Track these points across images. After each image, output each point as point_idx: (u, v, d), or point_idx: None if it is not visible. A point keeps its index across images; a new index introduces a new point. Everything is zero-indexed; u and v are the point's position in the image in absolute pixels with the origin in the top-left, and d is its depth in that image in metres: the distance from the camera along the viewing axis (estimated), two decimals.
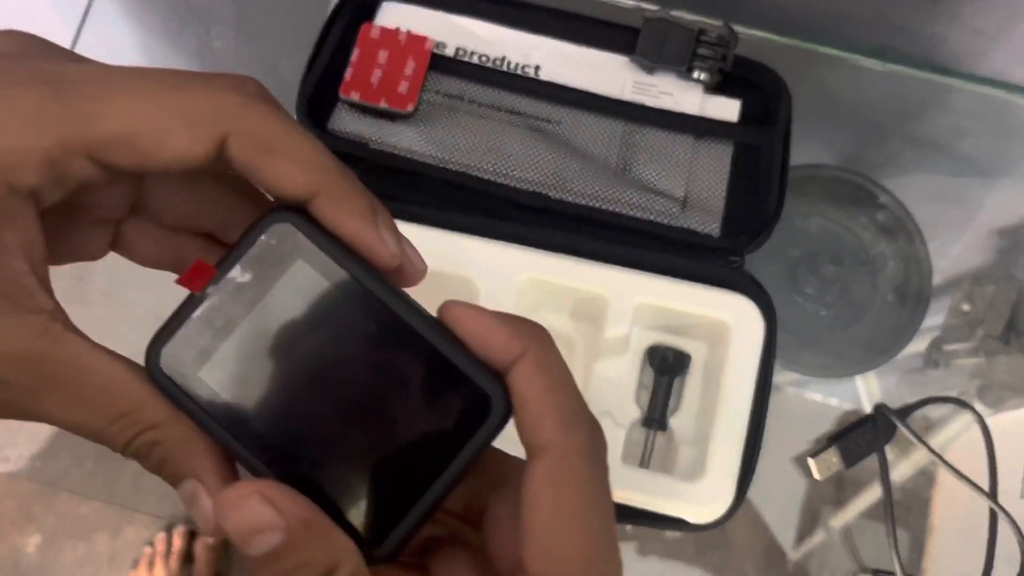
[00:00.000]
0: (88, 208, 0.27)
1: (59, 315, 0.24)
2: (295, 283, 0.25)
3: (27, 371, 0.23)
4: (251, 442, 0.25)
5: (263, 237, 0.25)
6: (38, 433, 1.00)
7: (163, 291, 0.28)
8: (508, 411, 0.25)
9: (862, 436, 0.55)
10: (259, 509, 0.23)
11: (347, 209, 0.25)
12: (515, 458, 0.27)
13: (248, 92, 0.25)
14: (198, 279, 0.25)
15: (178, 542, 1.29)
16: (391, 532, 0.24)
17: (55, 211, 0.24)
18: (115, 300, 0.63)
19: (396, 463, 0.24)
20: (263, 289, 0.25)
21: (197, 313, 0.25)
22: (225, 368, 0.25)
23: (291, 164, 0.24)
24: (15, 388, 0.23)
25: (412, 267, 0.26)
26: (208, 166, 0.24)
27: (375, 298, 0.25)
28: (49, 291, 0.24)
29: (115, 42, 0.64)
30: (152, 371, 0.25)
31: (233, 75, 0.25)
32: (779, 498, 0.59)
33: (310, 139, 0.25)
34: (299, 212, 0.25)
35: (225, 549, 1.30)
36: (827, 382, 0.63)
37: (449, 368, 0.25)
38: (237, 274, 0.25)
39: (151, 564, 1.30)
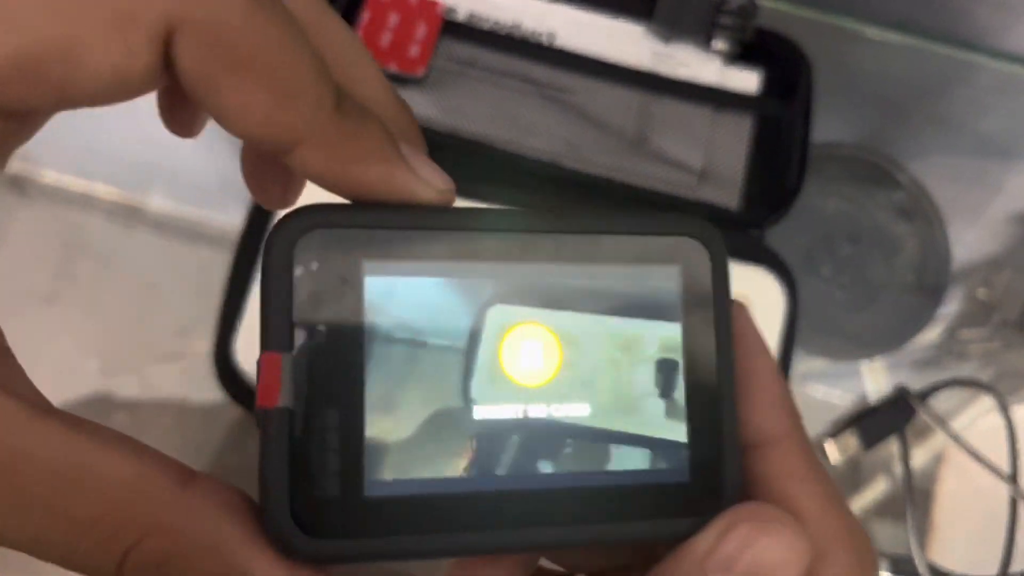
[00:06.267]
0: None
1: None
2: (382, 297, 0.18)
3: None
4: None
5: (299, 268, 0.17)
6: None
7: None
8: None
9: (881, 418, 0.54)
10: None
11: (354, 154, 0.17)
12: None
13: None
14: (267, 381, 0.17)
15: None
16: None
17: None
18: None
19: None
20: (356, 333, 0.17)
21: (298, 431, 0.17)
22: (395, 466, 0.17)
23: (260, 87, 0.16)
24: None
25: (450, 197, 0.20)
26: (152, 87, 0.16)
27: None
28: None
29: None
30: (308, 551, 0.17)
31: None
32: None
33: (304, 42, 0.16)
34: (315, 210, 0.18)
35: None
36: (829, 376, 0.62)
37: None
38: (304, 338, 0.17)
39: None
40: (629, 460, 0.19)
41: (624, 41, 0.54)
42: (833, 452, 0.54)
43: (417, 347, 0.18)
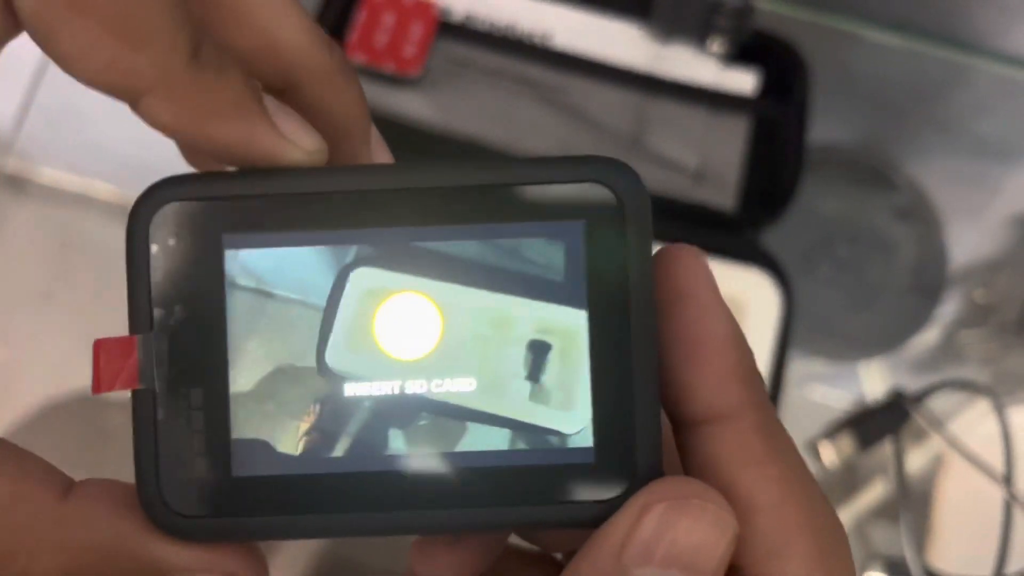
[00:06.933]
0: None
1: None
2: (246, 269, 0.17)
3: None
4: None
5: (155, 245, 0.17)
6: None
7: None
8: None
9: (876, 420, 0.54)
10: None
11: (209, 108, 0.16)
12: None
13: None
14: (121, 365, 0.16)
15: None
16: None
17: None
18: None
19: None
20: (217, 311, 0.17)
21: (162, 414, 0.16)
22: (266, 436, 0.17)
23: (104, 30, 0.14)
24: None
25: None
26: (5, 36, 0.15)
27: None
28: None
29: None
30: (177, 530, 0.17)
31: None
32: None
33: None
34: (177, 182, 0.17)
35: None
36: (827, 377, 0.62)
37: None
38: (163, 316, 0.17)
39: None
40: (519, 439, 0.17)
41: (620, 42, 0.54)
42: (829, 454, 0.54)
43: (284, 323, 0.17)
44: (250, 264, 0.17)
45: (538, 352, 0.17)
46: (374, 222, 0.17)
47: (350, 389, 0.17)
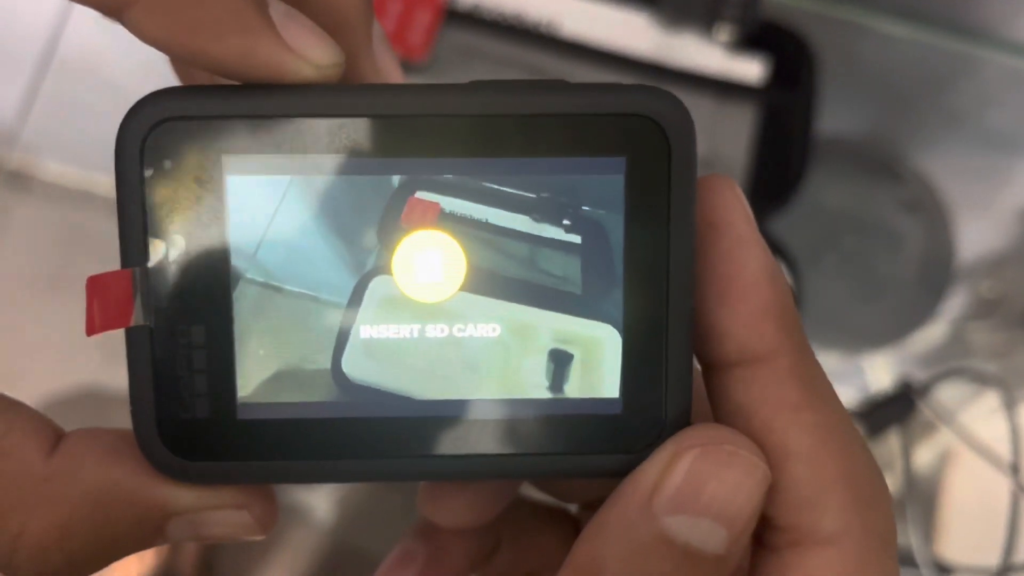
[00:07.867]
0: None
1: None
2: (247, 200, 0.15)
3: None
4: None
5: (149, 169, 0.15)
6: None
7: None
8: None
9: (883, 410, 0.54)
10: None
11: (201, 19, 0.14)
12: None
13: None
14: (116, 301, 0.15)
15: None
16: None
17: None
18: None
19: None
20: (220, 242, 0.15)
21: (160, 353, 0.15)
22: (266, 383, 0.16)
23: None
24: None
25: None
26: None
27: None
28: None
29: None
30: (177, 472, 0.16)
31: None
32: None
33: None
34: (167, 93, 0.15)
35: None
36: (832, 370, 0.61)
37: None
38: (159, 248, 0.15)
39: None
40: (540, 386, 0.16)
41: (628, 30, 0.54)
42: None
43: (293, 257, 0.16)
44: (256, 198, 0.15)
45: (560, 362, 0.16)
46: (396, 152, 0.15)
47: (366, 332, 0.16)
